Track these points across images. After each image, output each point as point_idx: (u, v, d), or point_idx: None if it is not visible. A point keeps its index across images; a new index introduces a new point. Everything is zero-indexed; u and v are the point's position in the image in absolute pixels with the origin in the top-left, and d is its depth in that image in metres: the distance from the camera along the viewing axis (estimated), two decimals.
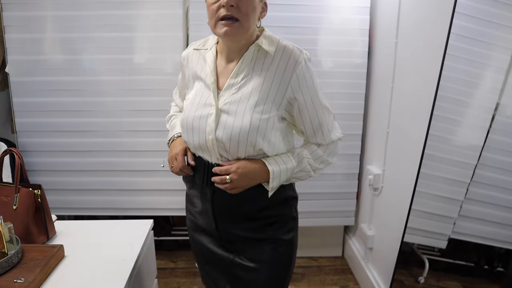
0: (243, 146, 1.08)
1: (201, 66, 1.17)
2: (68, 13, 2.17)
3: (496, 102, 1.71)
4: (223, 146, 1.09)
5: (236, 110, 1.07)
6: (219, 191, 1.13)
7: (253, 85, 1.08)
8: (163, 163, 1.40)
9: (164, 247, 2.63)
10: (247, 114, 1.06)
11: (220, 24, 1.03)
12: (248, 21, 1.03)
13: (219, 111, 1.09)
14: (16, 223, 1.16)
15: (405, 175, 1.83)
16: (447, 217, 1.90)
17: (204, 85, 1.14)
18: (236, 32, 1.03)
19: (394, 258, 1.84)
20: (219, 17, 1.03)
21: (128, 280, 1.09)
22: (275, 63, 1.08)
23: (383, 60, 2.14)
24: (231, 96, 1.09)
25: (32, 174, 2.31)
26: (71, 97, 2.26)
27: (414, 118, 1.76)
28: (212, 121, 1.09)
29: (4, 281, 1.00)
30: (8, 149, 1.29)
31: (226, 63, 1.14)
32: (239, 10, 1.01)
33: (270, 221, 1.18)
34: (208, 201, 1.17)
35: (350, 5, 2.22)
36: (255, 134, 1.06)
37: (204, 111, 1.11)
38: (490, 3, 1.58)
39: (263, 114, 1.07)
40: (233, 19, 1.02)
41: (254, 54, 1.10)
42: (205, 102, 1.11)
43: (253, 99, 1.07)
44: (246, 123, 1.06)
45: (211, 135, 1.09)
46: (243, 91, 1.08)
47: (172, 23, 2.20)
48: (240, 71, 1.10)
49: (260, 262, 1.18)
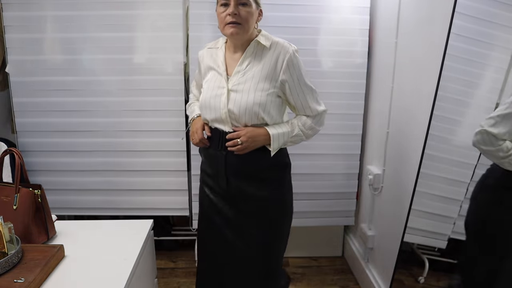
0: (249, 116, 1.41)
1: (214, 60, 1.51)
2: (68, 13, 2.18)
3: (496, 102, 1.71)
4: (234, 117, 1.42)
5: (243, 88, 1.41)
6: (230, 155, 1.44)
7: (254, 70, 1.42)
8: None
9: (164, 247, 2.63)
10: (251, 91, 1.40)
11: (227, 27, 1.39)
12: (247, 24, 1.39)
13: (229, 91, 1.42)
14: (16, 223, 1.16)
15: (405, 175, 1.83)
16: (447, 217, 1.90)
17: (216, 73, 1.48)
18: (239, 32, 1.39)
19: (394, 258, 1.84)
20: (227, 22, 1.38)
21: (128, 280, 1.09)
22: (270, 54, 1.43)
23: (383, 60, 2.14)
24: (238, 79, 1.43)
25: (32, 174, 2.31)
26: (71, 97, 2.26)
27: (414, 118, 1.76)
28: (224, 98, 1.42)
29: (4, 281, 1.00)
30: (8, 149, 1.29)
31: (232, 56, 1.48)
32: (240, 17, 1.37)
33: (270, 180, 1.49)
34: (221, 163, 1.47)
35: (350, 5, 2.22)
36: (258, 106, 1.40)
37: (218, 92, 1.44)
38: (490, 3, 1.58)
39: (263, 91, 1.41)
40: (237, 23, 1.37)
41: (254, 48, 1.45)
42: (218, 85, 1.45)
43: (255, 80, 1.41)
44: (251, 98, 1.40)
45: (224, 109, 1.42)
46: (248, 75, 1.43)
47: (172, 23, 2.21)
48: (244, 61, 1.44)
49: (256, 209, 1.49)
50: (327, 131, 2.32)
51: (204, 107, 1.48)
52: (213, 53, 1.52)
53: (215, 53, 1.51)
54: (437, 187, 1.84)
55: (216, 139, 1.47)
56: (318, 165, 2.37)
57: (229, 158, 1.45)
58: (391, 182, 2.03)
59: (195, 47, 2.21)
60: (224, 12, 1.38)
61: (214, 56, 1.51)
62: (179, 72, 2.25)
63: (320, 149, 2.31)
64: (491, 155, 1.37)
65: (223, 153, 1.46)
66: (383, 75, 2.11)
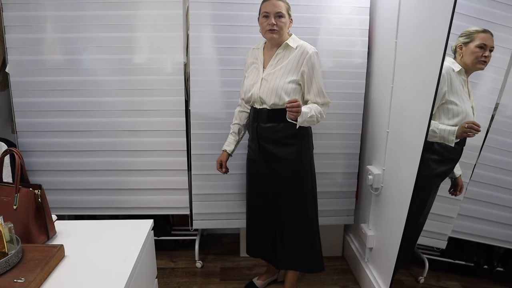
0: (274, 97, 1.86)
1: (255, 57, 1.99)
2: (68, 13, 2.18)
3: (495, 102, 1.71)
4: (263, 98, 1.89)
5: (271, 77, 1.88)
6: (260, 125, 1.94)
7: (281, 64, 1.89)
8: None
9: (164, 247, 2.63)
10: (277, 79, 1.87)
11: (267, 32, 1.86)
12: (282, 31, 1.86)
13: (263, 79, 1.90)
14: (16, 223, 1.16)
15: (405, 175, 1.83)
16: (446, 216, 1.90)
17: (257, 67, 1.96)
18: (276, 36, 1.86)
19: (394, 258, 1.84)
20: (267, 29, 1.85)
21: (128, 280, 1.09)
22: (295, 52, 1.88)
23: (383, 60, 2.14)
24: (270, 71, 1.90)
25: (32, 174, 2.31)
26: (71, 97, 2.26)
27: (414, 118, 1.76)
28: (258, 84, 1.91)
29: (4, 281, 1.00)
30: (8, 149, 1.29)
31: (269, 53, 1.94)
32: (277, 26, 1.84)
33: (290, 145, 1.93)
34: (254, 132, 1.97)
35: (350, 5, 2.22)
36: (281, 90, 1.85)
37: (256, 79, 1.93)
38: (490, 3, 1.58)
39: (287, 79, 1.86)
40: (275, 30, 1.84)
41: (284, 48, 1.90)
42: (256, 75, 1.94)
43: (282, 71, 1.88)
44: (276, 84, 1.86)
45: (257, 91, 1.90)
46: (277, 68, 1.89)
47: (172, 23, 2.21)
48: (276, 57, 1.91)
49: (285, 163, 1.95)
50: (327, 131, 2.32)
51: (245, 90, 1.97)
52: (255, 52, 2.00)
53: (256, 52, 1.99)
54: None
55: (252, 114, 1.98)
56: (318, 164, 2.36)
57: (259, 128, 1.94)
58: (391, 182, 2.03)
59: (195, 47, 2.22)
60: (266, 22, 1.84)
61: (255, 54, 1.99)
62: (179, 72, 2.25)
63: (320, 148, 2.31)
64: None
65: (255, 124, 1.95)
66: (383, 75, 2.11)
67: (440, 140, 1.62)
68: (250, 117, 2.02)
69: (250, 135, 2.04)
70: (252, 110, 1.99)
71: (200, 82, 2.25)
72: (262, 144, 1.95)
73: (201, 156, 2.31)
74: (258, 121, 1.94)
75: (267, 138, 1.94)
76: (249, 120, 2.04)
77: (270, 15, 1.82)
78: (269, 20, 1.83)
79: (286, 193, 1.97)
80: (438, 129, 1.60)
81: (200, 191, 2.35)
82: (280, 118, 1.86)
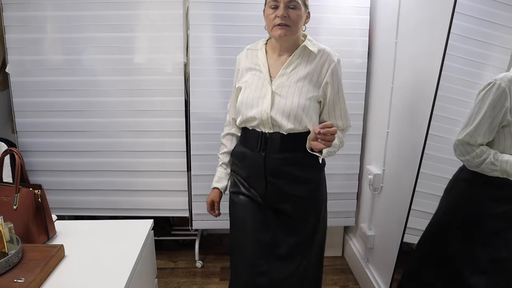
0: (292, 120, 1.40)
1: (253, 61, 1.50)
2: (68, 13, 2.18)
3: None
4: (277, 121, 1.40)
5: (287, 93, 1.40)
6: (270, 156, 1.44)
7: (300, 75, 1.42)
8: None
9: (164, 247, 2.63)
10: (296, 95, 1.40)
11: (276, 28, 1.37)
12: (296, 26, 1.38)
13: (273, 93, 1.41)
14: (16, 223, 1.16)
15: (405, 175, 1.83)
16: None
17: (258, 74, 1.47)
18: (287, 33, 1.37)
19: (394, 258, 1.84)
20: (275, 24, 1.37)
21: (128, 280, 1.09)
22: (316, 60, 1.43)
23: (383, 60, 2.14)
24: (282, 82, 1.42)
25: (32, 174, 2.31)
26: (71, 97, 2.26)
27: (414, 118, 1.76)
28: (268, 101, 1.41)
29: (4, 281, 1.00)
30: (8, 149, 1.29)
31: (277, 58, 1.46)
32: (289, 19, 1.35)
33: (308, 180, 1.51)
34: (260, 164, 1.45)
35: (350, 5, 2.22)
36: (302, 110, 1.40)
37: (262, 93, 1.43)
38: (490, 3, 1.58)
39: (307, 95, 1.41)
40: (286, 25, 1.36)
41: (301, 52, 1.44)
42: (261, 86, 1.44)
43: (300, 85, 1.41)
44: (295, 102, 1.39)
45: (266, 111, 1.40)
46: (292, 78, 1.42)
47: (172, 23, 2.21)
48: (290, 64, 1.43)
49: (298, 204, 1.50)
50: None
51: (246, 106, 1.45)
52: (253, 54, 1.51)
53: (254, 55, 1.50)
54: (437, 187, 1.84)
55: (255, 140, 1.46)
56: None
57: (268, 160, 1.44)
58: (391, 182, 2.03)
59: (195, 47, 2.21)
60: (273, 14, 1.36)
61: (253, 58, 1.50)
62: (179, 72, 2.25)
63: None
64: (470, 164, 1.36)
65: (260, 155, 1.45)
66: (383, 75, 2.11)
67: (502, 175, 1.27)
68: (247, 144, 1.50)
69: (248, 168, 1.50)
70: (254, 135, 1.47)
71: (200, 82, 2.24)
72: (271, 180, 1.46)
73: (201, 156, 2.31)
74: (266, 150, 1.44)
75: (279, 173, 1.45)
76: (241, 147, 1.53)
77: (280, 4, 1.35)
78: (278, 11, 1.35)
79: (291, 238, 1.51)
80: (500, 161, 1.26)
81: (200, 191, 2.35)
82: (298, 145, 1.42)
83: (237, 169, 1.55)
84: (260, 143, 1.45)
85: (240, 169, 1.53)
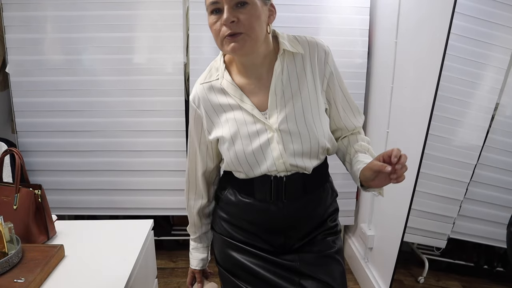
0: (315, 157, 1.07)
1: (220, 98, 1.06)
2: (68, 13, 2.17)
3: (495, 102, 1.72)
4: (297, 166, 1.04)
5: (297, 127, 1.02)
6: (290, 204, 1.06)
7: (299, 95, 1.03)
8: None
9: (164, 247, 2.63)
10: (310, 123, 1.03)
11: (226, 41, 0.96)
12: (254, 32, 0.95)
13: (279, 131, 1.02)
14: (16, 223, 1.16)
15: (405, 175, 1.83)
16: (446, 216, 1.90)
17: (240, 113, 1.04)
18: (244, 44, 0.95)
19: (394, 258, 1.84)
20: (224, 36, 0.96)
21: (128, 280, 1.09)
22: (307, 61, 1.05)
23: (383, 60, 2.14)
24: (283, 113, 1.02)
25: (32, 174, 2.31)
26: (71, 97, 2.26)
27: (414, 118, 1.76)
28: (275, 145, 1.02)
29: (4, 281, 1.00)
30: (8, 149, 1.29)
31: (255, 81, 1.04)
32: (241, 24, 0.94)
33: (332, 226, 1.14)
34: (277, 216, 1.07)
35: (350, 5, 2.22)
36: (325, 140, 1.06)
37: (262, 139, 1.02)
38: (490, 3, 1.58)
39: (321, 116, 1.05)
40: (237, 33, 0.94)
41: (283, 62, 1.04)
42: (256, 130, 1.03)
43: (308, 109, 1.03)
44: (313, 134, 1.03)
45: (281, 158, 1.02)
46: (293, 104, 1.03)
47: (172, 23, 2.21)
48: (276, 86, 1.03)
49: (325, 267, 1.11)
50: None
51: (245, 164, 1.04)
52: (214, 88, 1.07)
53: (217, 88, 1.06)
54: (437, 187, 1.84)
55: (267, 188, 1.06)
56: None
57: (287, 210, 1.06)
58: None
59: (195, 47, 2.21)
60: (217, 23, 0.96)
61: (217, 93, 1.06)
62: (179, 72, 2.25)
63: None
64: None
65: (272, 207, 1.05)
66: (383, 75, 2.11)
67: None
68: (249, 192, 1.08)
69: (256, 223, 1.09)
70: (266, 182, 1.05)
71: None
72: (292, 234, 1.10)
73: None
74: (280, 198, 1.06)
75: (302, 223, 1.10)
76: (241, 196, 1.10)
77: (223, 5, 0.94)
78: (223, 15, 0.94)
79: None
80: None
81: None
82: (324, 179, 1.14)
83: (235, 222, 1.13)
84: (275, 191, 1.06)
85: (244, 222, 1.11)
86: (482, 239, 1.92)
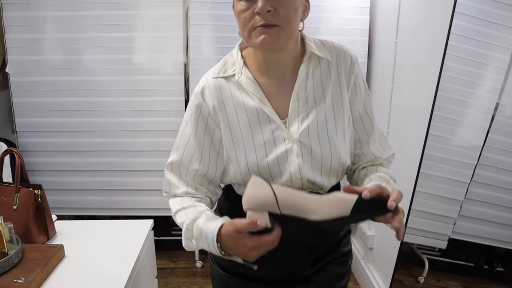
0: (335, 176, 0.94)
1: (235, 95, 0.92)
2: (68, 13, 2.18)
3: (496, 102, 1.72)
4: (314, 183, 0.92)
5: (318, 140, 0.90)
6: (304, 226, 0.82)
7: (323, 104, 0.92)
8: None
9: (164, 247, 2.63)
10: (333, 138, 0.91)
11: (256, 32, 0.83)
12: (290, 25, 0.84)
13: (299, 142, 0.89)
14: (16, 223, 1.16)
15: (405, 175, 1.83)
16: (447, 217, 1.90)
17: (255, 119, 0.90)
18: (277, 39, 0.83)
19: (394, 258, 1.84)
20: (254, 26, 0.84)
21: (128, 280, 1.09)
22: (333, 69, 0.94)
23: (383, 60, 2.14)
24: (303, 123, 0.90)
25: (32, 174, 2.31)
26: (71, 97, 2.26)
27: (414, 118, 1.76)
28: (296, 157, 0.89)
29: (4, 281, 1.00)
30: (8, 149, 1.29)
31: (275, 83, 0.92)
32: (277, 15, 0.82)
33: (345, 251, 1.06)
34: (301, 243, 0.94)
35: (350, 5, 2.22)
36: (345, 156, 0.93)
37: (279, 150, 0.89)
38: (490, 3, 1.58)
39: (345, 133, 0.93)
40: (272, 25, 0.83)
41: (308, 66, 0.93)
42: (273, 139, 0.89)
43: (331, 121, 0.91)
44: (336, 151, 0.91)
45: (299, 174, 0.89)
46: (317, 114, 0.91)
47: (172, 23, 2.20)
48: (299, 91, 0.91)
49: None
50: None
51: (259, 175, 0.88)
52: (228, 84, 0.93)
53: (233, 84, 0.93)
54: (437, 187, 1.84)
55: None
56: None
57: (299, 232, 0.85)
58: None
59: (195, 47, 2.21)
60: (248, 11, 0.84)
61: (233, 90, 0.92)
62: (179, 72, 2.25)
63: None
64: None
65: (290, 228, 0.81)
66: (383, 75, 2.11)
67: None
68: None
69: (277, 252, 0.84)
70: None
71: None
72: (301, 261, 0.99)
73: None
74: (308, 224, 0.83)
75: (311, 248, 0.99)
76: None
77: None
78: (258, 3, 0.82)
79: None
80: None
81: None
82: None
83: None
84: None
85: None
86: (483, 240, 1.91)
